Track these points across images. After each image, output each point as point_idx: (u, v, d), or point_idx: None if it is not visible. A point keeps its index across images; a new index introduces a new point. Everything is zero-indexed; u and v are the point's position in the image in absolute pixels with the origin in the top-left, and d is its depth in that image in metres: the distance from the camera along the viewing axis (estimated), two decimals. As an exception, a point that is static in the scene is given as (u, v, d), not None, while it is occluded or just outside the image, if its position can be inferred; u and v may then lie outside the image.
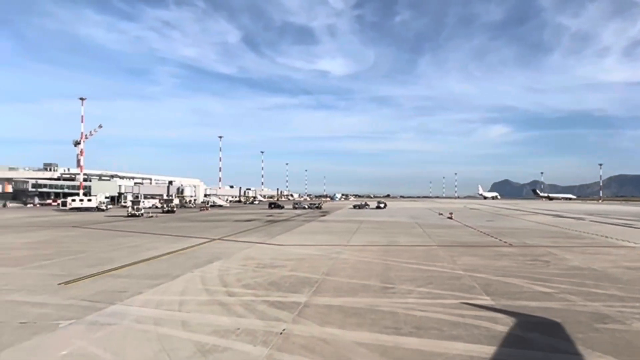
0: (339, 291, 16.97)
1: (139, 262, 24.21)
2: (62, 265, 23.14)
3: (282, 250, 29.12)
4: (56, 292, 16.97)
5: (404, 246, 31.13)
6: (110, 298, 15.90)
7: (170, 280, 19.10)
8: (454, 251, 28.28)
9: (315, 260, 24.46)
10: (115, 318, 13.47)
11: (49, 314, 13.97)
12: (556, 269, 21.58)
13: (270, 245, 31.90)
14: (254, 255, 26.39)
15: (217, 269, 22.00)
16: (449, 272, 20.79)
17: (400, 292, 16.83)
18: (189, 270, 21.65)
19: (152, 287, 17.85)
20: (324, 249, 29.70)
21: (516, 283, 18.35)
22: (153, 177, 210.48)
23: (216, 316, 13.71)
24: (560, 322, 12.94)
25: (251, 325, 12.73)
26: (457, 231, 43.36)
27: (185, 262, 24.32)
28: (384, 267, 22.14)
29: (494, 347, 10.83)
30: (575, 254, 26.87)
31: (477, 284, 18.07)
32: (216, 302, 15.39)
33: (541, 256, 25.78)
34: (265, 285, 18.22)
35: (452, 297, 15.96)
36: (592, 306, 14.65)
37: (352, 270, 21.36)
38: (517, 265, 22.59)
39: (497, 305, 14.69)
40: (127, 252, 28.02)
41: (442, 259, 24.77)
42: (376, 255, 26.57)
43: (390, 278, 19.44)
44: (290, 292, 16.94)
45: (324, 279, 19.41)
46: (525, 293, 16.54)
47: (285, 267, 22.46)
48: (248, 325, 12.67)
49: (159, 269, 21.97)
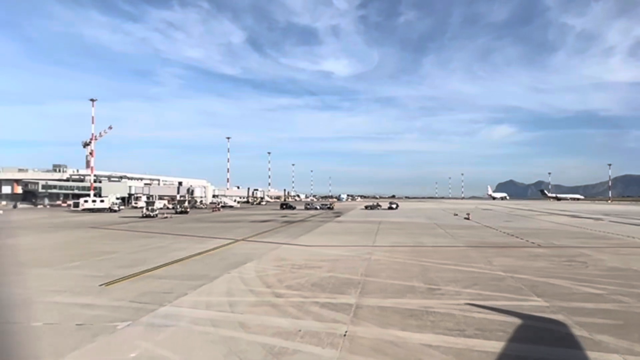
0: (385, 292, 16.79)
1: (172, 263, 24.12)
2: (96, 266, 23.07)
3: (311, 251, 28.97)
4: (100, 294, 16.89)
5: (432, 247, 30.93)
6: (157, 299, 15.78)
7: (211, 282, 18.97)
8: (484, 252, 28.05)
9: (348, 261, 24.30)
10: (170, 320, 13.35)
11: (101, 315, 13.87)
12: (596, 270, 21.33)
13: (297, 246, 31.75)
14: (285, 256, 26.24)
15: (253, 270, 21.86)
16: (489, 273, 20.57)
17: (448, 293, 16.63)
18: (225, 271, 21.52)
19: (194, 288, 17.72)
20: (352, 249, 29.54)
21: (561, 284, 18.11)
22: (161, 178, 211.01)
23: (272, 317, 13.56)
24: (623, 323, 12.73)
25: (311, 327, 12.57)
26: (479, 232, 43.10)
27: (218, 262, 24.21)
28: (421, 268, 21.94)
29: (570, 350, 10.64)
30: (609, 254, 26.59)
31: (523, 285, 17.84)
32: (266, 304, 15.24)
33: (575, 257, 25.51)
34: (308, 286, 18.06)
35: (502, 298, 15.75)
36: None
37: (390, 271, 21.18)
38: (554, 267, 22.35)
39: (553, 307, 14.46)
40: (157, 253, 27.94)
41: (476, 260, 24.55)
42: (408, 256, 26.37)
43: (432, 279, 19.25)
44: (336, 293, 16.77)
45: (365, 280, 19.23)
46: (575, 294, 16.30)
47: (321, 268, 22.30)
48: (308, 327, 12.50)
49: (194, 270, 21.86)
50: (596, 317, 13.37)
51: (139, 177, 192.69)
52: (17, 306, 15.09)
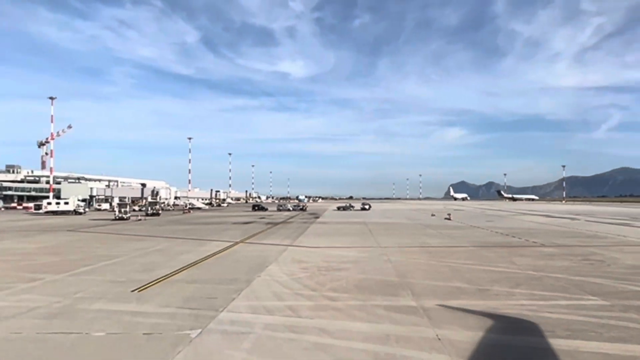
0: (436, 294, 16.50)
1: (188, 266, 23.18)
2: (110, 271, 21.90)
3: (321, 252, 28.46)
4: (140, 300, 15.93)
5: (439, 247, 30.93)
6: (206, 305, 15.00)
7: (247, 285, 18.24)
8: (496, 252, 28.25)
9: (370, 263, 23.96)
10: (241, 326, 12.63)
11: (161, 323, 13.01)
12: (620, 268, 21.74)
13: (303, 247, 31.17)
14: (301, 258, 25.64)
15: (281, 272, 21.22)
16: (521, 273, 20.63)
17: (501, 294, 16.50)
18: (253, 274, 20.81)
19: (236, 292, 16.97)
20: (362, 251, 29.21)
21: (602, 282, 18.32)
22: (119, 179, 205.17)
23: (347, 322, 13.05)
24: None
25: (396, 331, 12.13)
26: (471, 232, 43.56)
27: (236, 265, 23.44)
28: (450, 269, 21.81)
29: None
30: (619, 253, 27.25)
31: (567, 285, 17.92)
32: (328, 307, 14.70)
33: (589, 256, 25.98)
34: (352, 288, 17.60)
35: (559, 297, 15.73)
36: None
37: (421, 273, 20.95)
38: (578, 265, 22.64)
39: (618, 306, 14.52)
40: (163, 257, 26.83)
41: (495, 260, 24.63)
42: (424, 256, 26.25)
43: (471, 280, 19.10)
44: (387, 295, 16.39)
45: (405, 282, 18.91)
46: (626, 292, 16.48)
47: (348, 270, 21.87)
48: (393, 331, 12.06)
49: (218, 274, 21.03)
50: (667, 315, 13.49)
51: (97, 179, 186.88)
52: (61, 315, 14.00)
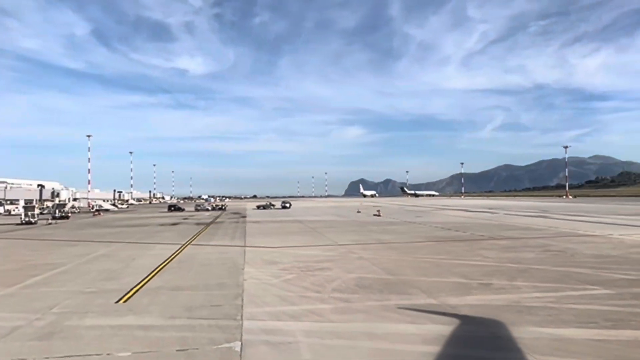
0: (446, 290, 16.28)
1: (154, 273, 21.35)
2: (69, 282, 19.59)
3: (287, 252, 27.51)
4: (135, 312, 14.20)
5: (398, 243, 31.07)
6: (218, 313, 13.68)
7: (241, 290, 16.98)
8: (456, 246, 28.90)
9: (346, 261, 23.44)
10: (280, 335, 11.54)
11: (188, 337, 11.54)
12: (586, 258, 22.85)
13: (262, 248, 29.98)
14: (271, 259, 24.56)
15: (264, 275, 20.12)
16: (503, 265, 21.08)
17: (507, 287, 16.61)
18: (234, 277, 19.60)
19: (234, 298, 15.73)
20: (325, 249, 28.62)
21: (586, 272, 19.09)
22: (7, 180, 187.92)
23: (387, 324, 12.36)
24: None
25: (445, 330, 11.68)
26: (412, 227, 44.45)
27: (209, 269, 21.94)
28: (432, 265, 21.84)
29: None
30: (567, 243, 28.90)
31: (558, 276, 18.44)
32: (350, 310, 13.94)
33: (545, 247, 27.29)
34: (355, 288, 16.96)
35: (564, 288, 16.08)
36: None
37: (409, 269, 20.75)
38: (545, 257, 23.56)
39: (626, 294, 15.09)
40: (115, 263, 24.56)
41: (464, 254, 25.11)
42: (392, 253, 26.21)
43: (465, 274, 19.19)
44: (399, 293, 15.93)
45: (401, 279, 18.59)
46: (618, 281, 17.20)
47: (331, 269, 21.22)
48: (444, 331, 11.59)
49: (197, 279, 19.56)
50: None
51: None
52: (56, 335, 12.03)
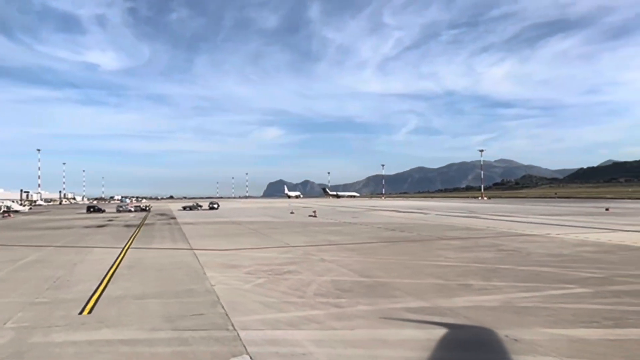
0: (430, 292, 16.02)
1: (105, 280, 19.63)
2: (12, 291, 17.54)
3: (243, 255, 26.38)
4: (107, 324, 12.71)
5: (351, 244, 30.74)
6: (205, 324, 12.55)
7: (216, 297, 15.86)
8: (411, 247, 29.08)
9: (310, 263, 22.72)
10: (286, 346, 10.65)
11: (185, 351, 10.37)
12: (542, 257, 23.56)
13: (213, 251, 28.57)
14: (230, 263, 23.40)
15: (232, 279, 19.05)
16: (471, 265, 21.27)
17: (488, 288, 16.60)
18: (200, 283, 18.39)
19: (212, 306, 14.65)
20: (281, 251, 27.72)
21: (552, 271, 19.57)
22: None
23: (391, 330, 11.83)
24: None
25: (457, 335, 11.33)
26: (356, 228, 44.43)
27: (167, 275, 20.50)
28: (400, 266, 21.65)
29: None
30: (514, 242, 29.90)
31: (531, 275, 18.74)
32: (345, 315, 13.25)
33: (498, 247, 28.01)
34: (336, 292, 16.32)
35: (544, 288, 16.20)
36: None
37: (380, 271, 20.40)
38: (504, 256, 24.06)
39: (603, 292, 15.52)
40: (56, 270, 22.40)
41: (424, 255, 25.22)
42: (351, 254, 25.82)
43: (438, 275, 19.11)
44: (384, 296, 15.47)
45: (377, 281, 18.18)
46: (591, 279, 17.69)
47: (300, 272, 20.44)
48: (455, 337, 11.25)
49: (159, 285, 18.17)
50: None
51: None
52: (27, 354, 10.43)
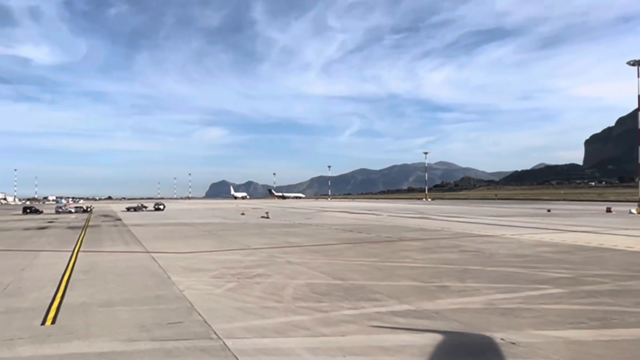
0: (411, 294, 15.81)
1: (61, 286, 18.30)
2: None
3: (205, 258, 25.40)
4: (77, 335, 11.65)
5: (314, 246, 30.32)
6: (186, 333, 11.76)
7: (188, 303, 15.01)
8: (375, 248, 28.95)
9: (278, 266, 22.11)
10: (281, 356, 10.10)
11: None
12: (505, 258, 23.98)
13: (172, 254, 27.38)
14: (194, 267, 22.41)
15: (200, 284, 18.18)
16: (442, 267, 21.29)
17: (469, 289, 16.49)
18: (166, 288, 17.52)
19: (188, 313, 13.84)
20: (244, 254, 26.91)
21: (521, 272, 19.86)
22: None
23: (385, 335, 11.44)
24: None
25: (452, 340, 11.10)
26: (314, 230, 44.00)
27: (129, 280, 19.39)
28: (371, 268, 21.41)
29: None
30: (473, 243, 30.38)
31: (501, 275, 18.96)
32: (332, 320, 12.73)
33: (460, 247, 28.34)
34: (314, 296, 15.84)
35: (522, 289, 16.31)
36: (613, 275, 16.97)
37: (352, 273, 20.07)
38: (469, 257, 24.31)
39: (579, 292, 15.77)
40: (3, 276, 20.77)
41: (390, 256, 25.13)
42: (317, 256, 25.43)
43: (413, 277, 19.00)
44: (367, 300, 15.10)
45: (353, 284, 17.81)
46: (561, 279, 18.00)
47: (270, 275, 19.85)
48: (452, 341, 11.02)
49: (123, 292, 17.05)
50: (622, 290, 15.10)
51: None
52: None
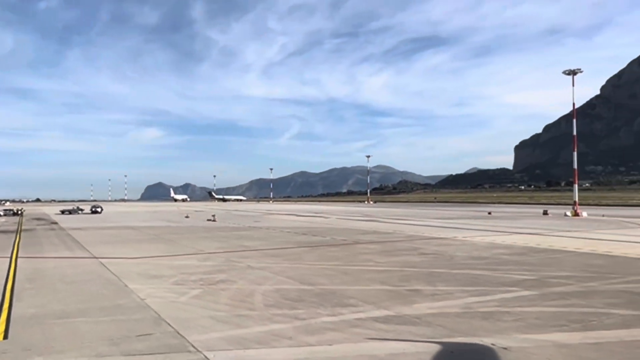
0: (385, 299, 15.55)
1: (7, 296, 16.86)
2: None
3: (159, 263, 24.23)
4: (36, 352, 10.54)
5: (271, 250, 29.64)
6: (155, 346, 10.87)
7: (155, 313, 14.05)
8: (333, 252, 28.62)
9: (239, 271, 21.36)
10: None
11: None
12: (465, 260, 24.20)
13: (123, 259, 25.96)
14: (151, 273, 21.24)
15: (163, 292, 17.20)
16: (408, 270, 21.19)
17: (442, 293, 16.33)
18: (125, 297, 16.45)
19: (155, 324, 12.87)
20: (200, 258, 25.91)
21: (485, 274, 20.04)
22: None
23: (378, 343, 11.06)
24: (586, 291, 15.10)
25: (446, 347, 10.86)
26: (266, 233, 43.20)
27: (81, 288, 18.10)
28: (336, 272, 20.98)
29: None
30: (429, 245, 30.65)
31: (469, 278, 19.01)
32: (316, 328, 12.19)
33: (419, 250, 28.46)
34: (287, 302, 15.23)
35: (493, 292, 16.37)
36: (584, 277, 17.41)
37: (318, 277, 19.57)
38: (431, 260, 24.29)
39: (546, 294, 15.99)
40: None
41: (351, 259, 24.96)
42: (278, 260, 24.80)
43: (382, 281, 18.73)
44: (342, 306, 14.67)
45: (323, 289, 17.31)
46: (527, 281, 18.20)
47: (234, 281, 19.04)
48: (447, 348, 10.78)
49: (77, 301, 15.84)
50: (581, 291, 15.45)
51: None
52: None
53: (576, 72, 71.61)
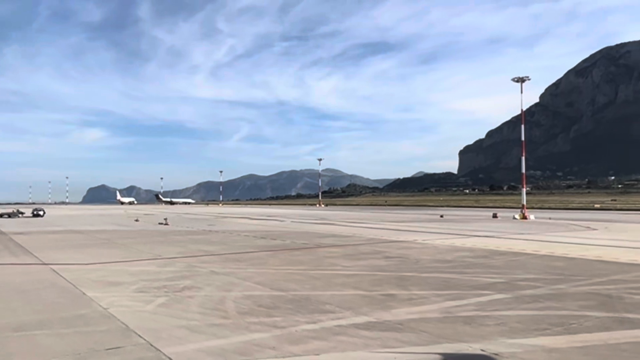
0: (362, 304, 15.20)
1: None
2: None
3: (116, 269, 22.90)
4: None
5: (234, 254, 28.72)
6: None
7: (121, 323, 13.17)
8: (296, 256, 28.07)
9: (205, 277, 20.50)
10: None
11: None
12: (433, 263, 24.11)
13: (75, 265, 24.46)
14: (109, 280, 20.09)
15: (126, 300, 16.20)
16: (378, 274, 20.94)
17: (417, 297, 16.10)
18: (86, 306, 15.34)
19: (123, 335, 12.02)
20: (160, 264, 24.72)
21: (454, 277, 20.05)
22: None
23: (366, 352, 10.69)
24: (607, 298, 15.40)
25: (437, 353, 10.62)
26: (224, 237, 42.11)
27: (35, 297, 16.81)
28: (305, 277, 20.45)
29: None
30: (395, 249, 30.59)
31: (441, 282, 18.95)
32: (299, 338, 11.70)
33: (383, 254, 28.33)
34: (260, 309, 14.63)
35: (468, 295, 16.19)
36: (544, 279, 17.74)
37: (289, 283, 19.06)
38: (398, 264, 24.09)
39: (520, 297, 16.11)
40: None
41: (317, 263, 24.53)
42: (242, 265, 24.07)
43: (355, 286, 18.38)
44: (315, 312, 14.20)
45: (296, 294, 16.83)
46: (498, 284, 18.29)
47: (200, 288, 18.20)
48: (441, 355, 10.53)
49: (35, 312, 14.67)
50: (554, 293, 15.68)
51: None
52: None
53: (524, 79, 74.24)
